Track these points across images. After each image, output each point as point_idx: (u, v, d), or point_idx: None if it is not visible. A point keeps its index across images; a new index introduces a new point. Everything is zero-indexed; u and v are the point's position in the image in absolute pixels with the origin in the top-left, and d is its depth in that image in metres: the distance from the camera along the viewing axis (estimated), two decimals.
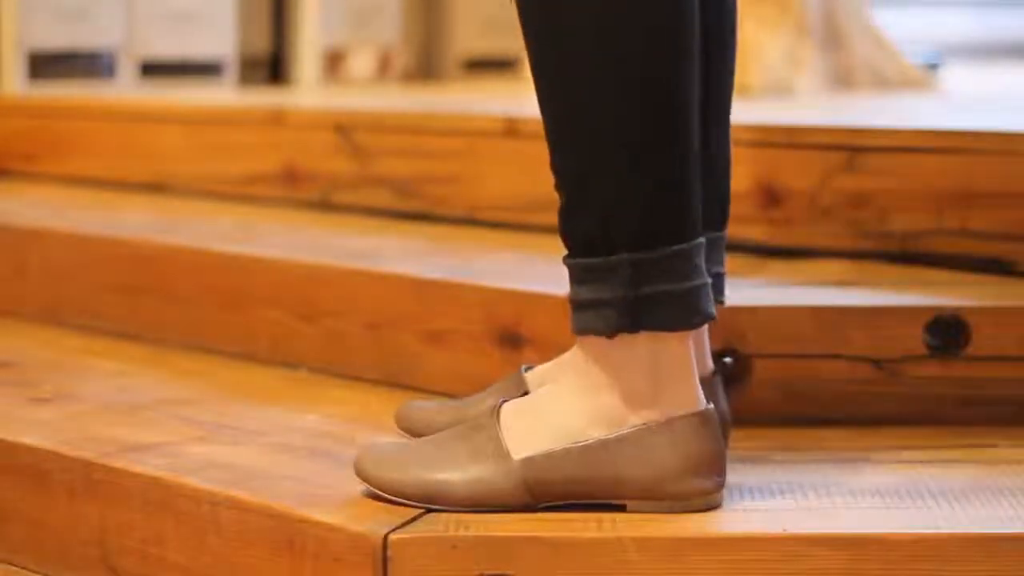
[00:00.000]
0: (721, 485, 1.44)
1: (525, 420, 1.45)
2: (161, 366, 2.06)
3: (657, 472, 1.41)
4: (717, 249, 1.56)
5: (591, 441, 1.42)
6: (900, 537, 1.36)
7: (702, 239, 1.41)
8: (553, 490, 1.43)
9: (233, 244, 2.19)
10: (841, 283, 1.89)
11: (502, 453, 1.43)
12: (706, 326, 1.52)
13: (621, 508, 1.43)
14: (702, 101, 1.43)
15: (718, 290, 1.54)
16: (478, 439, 1.45)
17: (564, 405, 1.44)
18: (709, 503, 1.43)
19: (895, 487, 1.49)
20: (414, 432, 1.60)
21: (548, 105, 1.41)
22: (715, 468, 1.43)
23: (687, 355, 1.42)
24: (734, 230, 1.65)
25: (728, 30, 1.58)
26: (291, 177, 2.60)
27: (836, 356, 1.73)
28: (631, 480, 1.41)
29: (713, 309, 1.42)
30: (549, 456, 1.42)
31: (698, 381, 1.44)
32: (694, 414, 1.42)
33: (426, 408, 1.64)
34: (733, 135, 1.60)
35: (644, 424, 1.41)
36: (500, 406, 1.46)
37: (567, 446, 1.42)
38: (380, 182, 2.48)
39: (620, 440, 1.41)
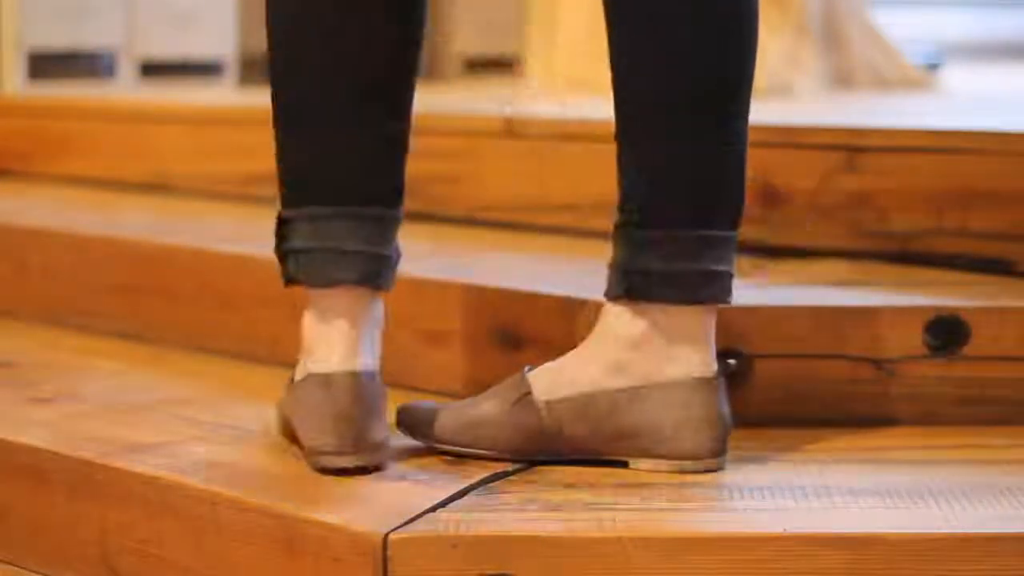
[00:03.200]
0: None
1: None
2: (161, 366, 2.06)
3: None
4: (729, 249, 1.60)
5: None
6: (900, 537, 1.36)
7: None
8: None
9: (233, 244, 2.19)
10: (841, 283, 1.89)
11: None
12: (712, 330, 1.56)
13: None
14: None
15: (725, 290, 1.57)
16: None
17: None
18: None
19: (895, 487, 1.49)
20: (413, 434, 1.60)
21: None
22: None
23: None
24: None
25: None
26: None
27: (836, 356, 1.73)
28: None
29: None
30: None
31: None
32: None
33: (425, 409, 1.63)
34: None
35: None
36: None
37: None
38: None
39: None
